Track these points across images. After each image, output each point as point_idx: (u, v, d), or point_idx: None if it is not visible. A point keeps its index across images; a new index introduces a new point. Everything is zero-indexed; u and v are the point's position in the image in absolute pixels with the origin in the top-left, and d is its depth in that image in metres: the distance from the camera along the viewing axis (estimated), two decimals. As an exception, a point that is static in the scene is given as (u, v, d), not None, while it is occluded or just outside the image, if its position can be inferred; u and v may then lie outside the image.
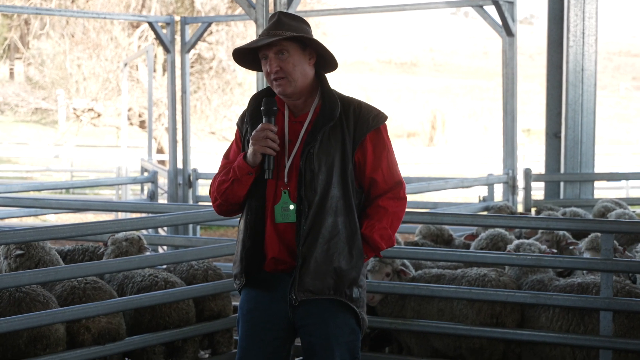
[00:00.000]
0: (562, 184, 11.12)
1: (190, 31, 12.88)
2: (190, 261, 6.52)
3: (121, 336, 5.88)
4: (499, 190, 10.98)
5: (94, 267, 5.86)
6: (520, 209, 10.40)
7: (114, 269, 6.09)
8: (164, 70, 26.46)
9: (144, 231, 9.11)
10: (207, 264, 6.64)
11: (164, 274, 6.33)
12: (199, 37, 12.67)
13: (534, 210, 10.16)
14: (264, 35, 4.28)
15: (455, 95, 55.03)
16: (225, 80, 28.07)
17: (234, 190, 4.31)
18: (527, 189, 10.41)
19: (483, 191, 11.23)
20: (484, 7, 10.51)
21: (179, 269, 6.61)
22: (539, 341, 6.04)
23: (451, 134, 44.58)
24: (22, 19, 31.46)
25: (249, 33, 26.24)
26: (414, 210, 8.04)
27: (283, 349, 4.35)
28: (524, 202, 10.40)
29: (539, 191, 13.99)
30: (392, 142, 4.45)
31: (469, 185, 10.88)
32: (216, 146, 31.57)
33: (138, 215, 10.71)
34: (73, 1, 27.18)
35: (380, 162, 4.32)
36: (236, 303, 5.49)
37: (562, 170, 11.10)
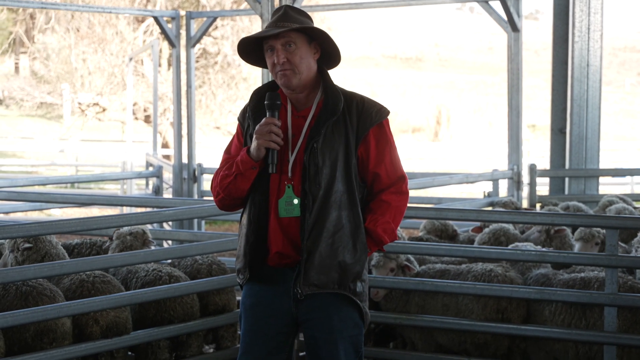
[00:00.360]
0: (567, 179, 11.13)
1: (195, 26, 12.88)
2: (194, 256, 6.54)
3: (128, 330, 5.90)
4: (503, 186, 10.98)
5: (99, 262, 5.87)
6: (525, 204, 10.38)
7: (119, 264, 6.11)
8: (169, 64, 26.43)
9: (148, 225, 9.12)
10: (212, 258, 6.65)
11: (168, 268, 6.34)
12: (204, 32, 12.67)
13: (538, 205, 10.15)
14: (271, 26, 4.26)
15: (460, 90, 54.91)
16: (230, 75, 28.05)
17: (237, 184, 4.30)
18: (532, 184, 10.39)
19: (488, 187, 11.23)
20: (489, 2, 10.49)
21: (183, 263, 6.62)
22: (543, 337, 6.05)
23: (456, 129, 44.47)
24: (27, 13, 31.47)
25: (254, 28, 26.19)
26: (419, 205, 8.02)
27: (286, 344, 4.35)
28: (529, 198, 10.39)
29: (543, 187, 13.97)
30: (397, 137, 4.49)
31: (473, 181, 10.86)
32: (221, 141, 31.53)
33: (143, 209, 10.72)
34: (78, -5, 27.16)
35: (383, 156, 4.32)
36: (240, 298, 5.49)
37: (567, 165, 11.11)
